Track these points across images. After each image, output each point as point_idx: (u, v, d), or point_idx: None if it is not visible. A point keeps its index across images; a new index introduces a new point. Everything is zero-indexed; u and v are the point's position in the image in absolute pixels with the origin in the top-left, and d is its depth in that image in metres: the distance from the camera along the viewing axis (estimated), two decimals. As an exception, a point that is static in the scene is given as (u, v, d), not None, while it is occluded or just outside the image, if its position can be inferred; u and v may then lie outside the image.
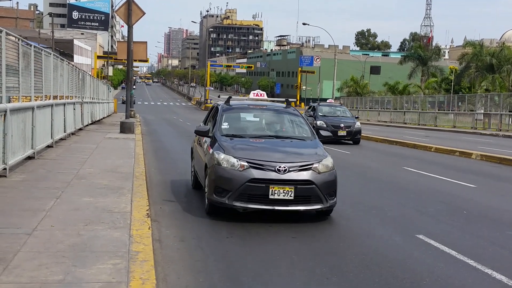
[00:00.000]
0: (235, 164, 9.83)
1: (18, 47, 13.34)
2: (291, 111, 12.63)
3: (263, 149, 10.43)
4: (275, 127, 12.09)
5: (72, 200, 10.06)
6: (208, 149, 10.92)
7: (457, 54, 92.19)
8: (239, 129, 11.71)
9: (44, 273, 6.08)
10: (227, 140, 10.73)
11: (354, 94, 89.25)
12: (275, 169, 9.68)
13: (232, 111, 12.26)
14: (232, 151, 10.16)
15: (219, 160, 10.03)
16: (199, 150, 12.36)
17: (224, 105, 12.39)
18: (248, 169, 9.74)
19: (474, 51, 69.83)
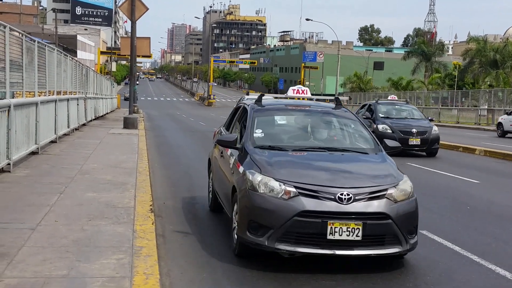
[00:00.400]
0: (277, 190, 7.06)
1: (22, 42, 13.36)
2: (344, 113, 9.70)
3: (315, 168, 7.66)
4: (324, 135, 9.22)
5: (75, 195, 10.07)
6: (236, 165, 8.05)
7: (461, 49, 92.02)
8: (277, 138, 8.84)
9: (48, 268, 6.09)
10: (262, 154, 7.94)
11: (358, 90, 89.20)
12: (335, 197, 6.94)
13: (266, 113, 9.39)
14: (272, 170, 7.35)
15: (254, 183, 7.23)
16: (221, 164, 9.30)
17: (254, 106, 9.47)
18: (296, 197, 6.97)
19: (478, 47, 69.68)
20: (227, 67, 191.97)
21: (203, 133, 32.57)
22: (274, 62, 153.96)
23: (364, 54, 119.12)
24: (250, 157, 7.85)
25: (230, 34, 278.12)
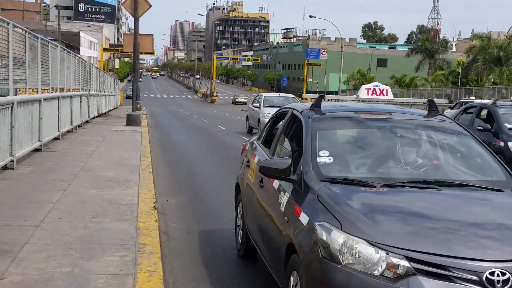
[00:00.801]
0: (374, 261, 4.18)
1: (25, 39, 13.36)
2: (445, 123, 6.49)
3: (432, 219, 4.58)
4: (421, 158, 5.94)
5: (79, 192, 10.08)
6: (294, 210, 5.07)
7: (465, 46, 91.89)
8: (354, 164, 5.74)
9: (51, 265, 6.10)
10: (337, 193, 4.96)
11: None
12: (480, 278, 4.00)
13: (331, 125, 6.26)
14: (361, 224, 4.45)
15: (333, 247, 4.32)
16: (261, 198, 6.31)
17: (311, 113, 6.25)
18: (410, 276, 4.06)
19: (482, 44, 69.57)
20: (230, 64, 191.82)
21: (206, 130, 32.59)
22: (277, 59, 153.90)
23: (368, 51, 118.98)
24: (318, 198, 4.86)
25: (233, 31, 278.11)
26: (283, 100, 28.92)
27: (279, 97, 30.57)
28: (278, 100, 29.22)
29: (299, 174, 5.32)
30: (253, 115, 28.95)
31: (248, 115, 30.74)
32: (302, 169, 5.33)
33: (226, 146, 22.89)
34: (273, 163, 5.58)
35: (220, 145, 23.38)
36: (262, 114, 26.72)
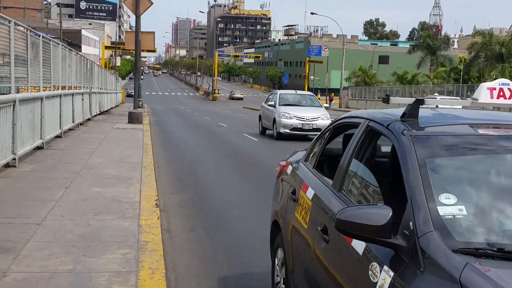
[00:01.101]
0: None
1: (27, 37, 13.38)
2: None
3: None
4: None
5: (81, 190, 10.09)
6: None
7: (466, 43, 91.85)
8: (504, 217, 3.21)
9: (54, 262, 6.11)
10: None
11: (363, 84, 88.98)
12: None
13: (445, 147, 3.67)
14: None
15: None
16: (330, 265, 3.91)
17: (407, 128, 3.82)
18: None
19: (484, 40, 69.50)
20: (231, 61, 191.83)
21: (208, 127, 32.59)
22: (279, 56, 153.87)
23: (369, 48, 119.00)
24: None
25: (234, 29, 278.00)
26: (300, 98, 27.16)
27: (296, 94, 28.05)
28: (295, 98, 27.15)
29: (408, 235, 3.10)
30: (268, 115, 26.27)
31: (261, 114, 27.73)
32: (415, 228, 3.08)
33: (228, 143, 22.89)
34: (361, 216, 3.17)
35: (222, 142, 23.37)
36: (278, 114, 24.54)
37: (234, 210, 10.27)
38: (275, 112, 24.87)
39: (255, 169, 15.84)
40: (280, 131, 24.01)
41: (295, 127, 23.91)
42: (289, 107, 24.92)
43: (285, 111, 24.21)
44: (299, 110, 24.72)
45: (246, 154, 19.13)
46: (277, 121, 24.28)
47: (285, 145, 22.34)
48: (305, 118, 24.03)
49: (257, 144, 22.64)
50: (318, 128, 22.74)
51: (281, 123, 24.00)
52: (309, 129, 23.81)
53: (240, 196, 11.76)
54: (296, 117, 24.00)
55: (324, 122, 23.04)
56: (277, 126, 24.25)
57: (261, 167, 16.17)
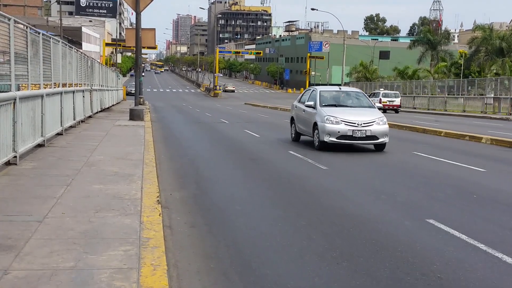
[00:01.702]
0: None
1: (27, 35, 13.36)
2: None
3: None
4: None
5: (82, 187, 10.09)
6: None
7: (467, 38, 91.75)
8: None
9: (55, 260, 6.10)
10: None
11: (363, 79, 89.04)
12: None
13: None
14: None
15: None
16: None
17: None
18: None
19: (484, 35, 69.53)
20: (232, 57, 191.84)
21: (209, 124, 32.61)
22: (280, 52, 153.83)
23: (370, 44, 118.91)
24: None
25: (235, 25, 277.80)
26: (345, 96, 21.45)
27: (340, 92, 21.84)
28: (339, 96, 21.33)
29: None
30: (304, 118, 20.92)
31: (295, 117, 22.33)
32: None
33: (229, 140, 22.89)
34: None
35: (224, 139, 23.38)
36: (320, 117, 19.16)
37: (236, 206, 10.26)
38: (316, 115, 19.55)
39: (256, 165, 15.84)
40: (324, 140, 18.69)
41: (343, 135, 18.59)
42: (334, 108, 19.74)
43: (330, 114, 18.98)
44: (347, 112, 19.42)
45: (247, 150, 19.13)
46: (320, 127, 18.90)
47: (281, 142, 22.31)
48: (356, 122, 18.62)
49: (258, 140, 22.61)
50: (373, 136, 18.62)
51: (326, 130, 18.69)
52: (361, 137, 18.61)
53: (241, 192, 11.76)
54: (344, 122, 18.65)
55: (381, 128, 18.75)
56: (319, 133, 18.93)
57: (262, 162, 16.17)
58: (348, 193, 11.88)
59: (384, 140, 18.83)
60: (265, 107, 63.39)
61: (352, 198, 11.35)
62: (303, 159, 16.57)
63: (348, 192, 12.03)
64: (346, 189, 12.35)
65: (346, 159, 16.78)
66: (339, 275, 6.63)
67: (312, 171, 14.64)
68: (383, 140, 18.79)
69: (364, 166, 15.65)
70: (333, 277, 6.57)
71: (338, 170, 15.06)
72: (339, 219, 9.36)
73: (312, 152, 18.12)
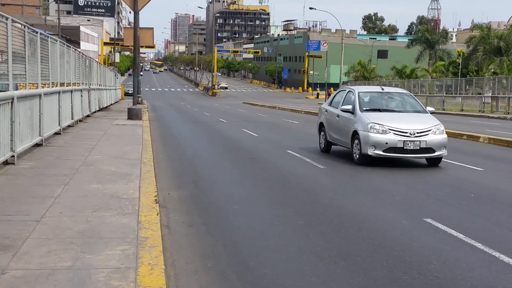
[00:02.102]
0: None
1: (24, 34, 13.35)
2: None
3: None
4: None
5: (80, 186, 10.09)
6: None
7: (465, 37, 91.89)
8: None
9: (53, 259, 6.11)
10: None
11: (362, 79, 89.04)
12: None
13: None
14: None
15: None
16: None
17: None
18: None
19: (482, 34, 69.60)
20: (231, 56, 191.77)
21: (208, 123, 32.62)
22: (278, 51, 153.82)
23: (368, 43, 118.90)
24: None
25: (233, 24, 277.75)
26: (390, 99, 17.70)
27: (383, 93, 17.86)
28: (382, 98, 17.63)
29: None
30: (340, 125, 17.25)
31: (325, 122, 18.42)
32: None
33: (227, 139, 22.90)
34: None
35: (222, 138, 23.39)
36: (362, 125, 15.69)
37: (234, 205, 10.27)
38: (356, 122, 16.06)
39: (255, 164, 15.84)
40: (367, 153, 15.30)
41: (392, 147, 15.18)
42: (378, 113, 16.27)
43: (374, 121, 15.55)
44: (396, 118, 16.01)
45: (245, 149, 19.13)
46: (362, 137, 15.45)
47: (279, 141, 22.33)
48: (408, 131, 15.24)
49: (256, 139, 22.62)
50: (429, 148, 15.26)
51: (370, 140, 15.24)
52: (414, 150, 15.21)
53: (239, 191, 11.76)
54: (393, 131, 15.26)
55: (438, 139, 15.47)
56: (361, 144, 15.46)
57: (261, 162, 16.17)
58: (346, 192, 11.91)
59: (442, 153, 15.56)
60: (263, 106, 63.39)
61: (350, 197, 11.38)
62: (301, 159, 16.58)
63: (346, 191, 12.05)
64: (344, 188, 12.37)
65: (344, 158, 16.76)
66: (337, 274, 6.64)
67: (310, 170, 14.66)
68: (441, 153, 15.51)
69: (361, 164, 15.64)
70: (331, 276, 6.58)
71: (336, 169, 15.06)
72: (337, 218, 9.37)
73: (310, 152, 18.12)
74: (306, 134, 25.37)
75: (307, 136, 24.39)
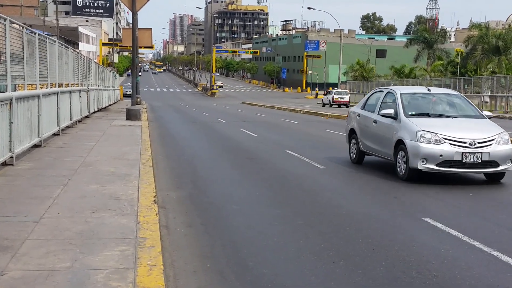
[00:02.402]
0: None
1: (23, 35, 13.34)
2: None
3: None
4: None
5: (79, 187, 10.09)
6: None
7: (463, 36, 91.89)
8: None
9: (51, 260, 6.10)
10: None
11: (360, 78, 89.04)
12: None
13: None
14: None
15: None
16: None
17: None
18: None
19: (480, 33, 69.55)
20: (229, 57, 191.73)
21: (206, 123, 32.62)
22: (277, 51, 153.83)
23: (367, 42, 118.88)
24: None
25: (232, 24, 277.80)
26: (436, 103, 14.79)
27: (430, 94, 14.92)
28: (431, 101, 14.78)
29: None
30: (377, 132, 14.65)
31: (358, 129, 15.83)
32: None
33: (226, 139, 22.90)
34: None
35: (221, 138, 23.39)
36: (410, 133, 12.97)
37: (233, 205, 10.28)
38: (401, 129, 13.38)
39: (254, 164, 15.84)
40: (416, 167, 12.59)
41: (448, 160, 12.46)
42: (427, 119, 13.57)
43: (425, 128, 12.83)
44: (450, 125, 13.31)
45: (244, 150, 19.12)
46: (410, 147, 12.72)
47: (278, 141, 22.31)
48: (467, 141, 12.53)
49: (255, 139, 22.61)
50: (492, 162, 12.56)
51: (421, 152, 12.52)
52: (475, 164, 12.48)
53: (238, 191, 11.76)
54: (449, 140, 12.57)
55: (504, 149, 12.72)
56: (409, 156, 12.72)
57: (259, 162, 16.17)
58: (344, 191, 11.91)
59: (507, 167, 12.77)
60: (262, 106, 63.39)
61: (348, 196, 11.38)
62: (300, 158, 16.58)
63: (345, 190, 12.06)
64: (342, 188, 12.37)
65: (342, 158, 16.76)
66: (336, 274, 6.64)
67: (309, 170, 14.66)
68: (506, 167, 12.74)
69: (359, 164, 15.63)
70: (330, 276, 6.58)
71: (334, 168, 15.06)
72: (336, 218, 9.38)
73: (308, 151, 18.13)
74: (305, 134, 25.39)
75: (306, 136, 24.42)
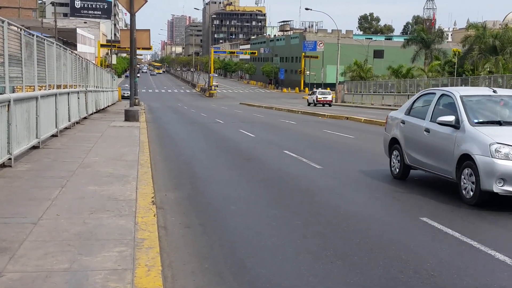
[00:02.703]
0: None
1: (21, 37, 13.37)
2: None
3: None
4: None
5: (77, 188, 10.10)
6: None
7: (460, 36, 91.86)
8: None
9: (50, 261, 6.12)
10: None
11: (358, 79, 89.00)
12: None
13: None
14: None
15: None
16: None
17: None
18: None
19: (477, 33, 69.52)
20: (227, 58, 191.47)
21: (205, 124, 32.61)
22: (275, 52, 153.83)
23: (364, 43, 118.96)
24: None
25: (230, 25, 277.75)
26: (505, 107, 11.81)
27: (497, 96, 11.96)
28: (498, 106, 11.86)
29: None
30: (431, 143, 11.95)
31: (402, 139, 13.27)
32: None
33: (224, 140, 22.90)
34: None
35: (219, 139, 23.39)
36: (480, 146, 10.27)
37: (231, 206, 10.29)
38: (466, 141, 10.68)
39: (252, 164, 15.84)
40: (490, 189, 9.98)
41: None
42: (500, 128, 10.84)
43: (500, 141, 10.13)
44: None
45: (242, 150, 19.13)
46: (482, 165, 10.06)
47: (276, 141, 22.32)
48: None
49: (253, 140, 22.61)
50: None
51: (497, 170, 9.90)
52: None
53: (236, 192, 11.76)
54: None
55: None
56: (480, 175, 10.05)
57: (258, 162, 16.18)
58: (342, 191, 11.92)
59: None
60: (260, 107, 63.40)
61: (346, 197, 11.40)
62: (297, 159, 16.59)
63: (343, 190, 12.06)
64: (340, 188, 12.38)
65: (341, 158, 16.79)
66: (334, 274, 6.66)
67: (307, 170, 14.67)
68: None
69: (358, 164, 15.66)
70: (328, 276, 6.60)
71: (332, 168, 15.07)
72: (333, 218, 9.39)
73: (306, 151, 18.14)
74: (303, 135, 25.40)
75: (304, 136, 24.44)
